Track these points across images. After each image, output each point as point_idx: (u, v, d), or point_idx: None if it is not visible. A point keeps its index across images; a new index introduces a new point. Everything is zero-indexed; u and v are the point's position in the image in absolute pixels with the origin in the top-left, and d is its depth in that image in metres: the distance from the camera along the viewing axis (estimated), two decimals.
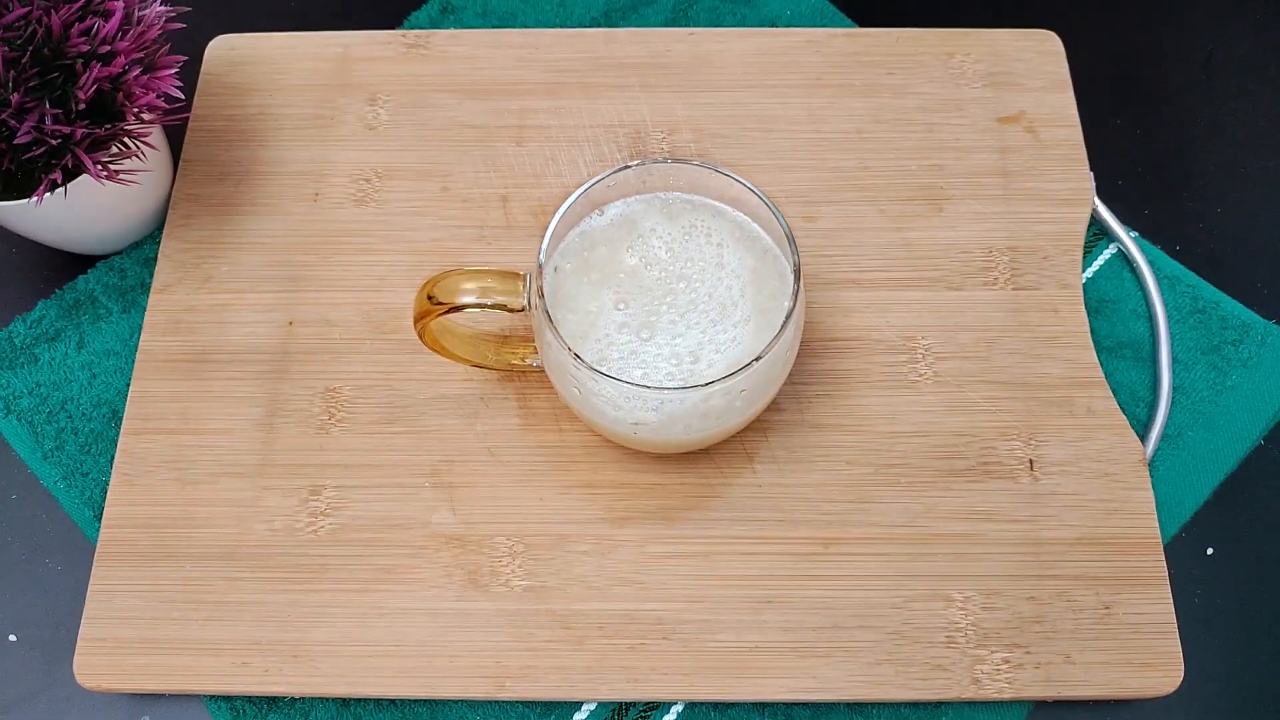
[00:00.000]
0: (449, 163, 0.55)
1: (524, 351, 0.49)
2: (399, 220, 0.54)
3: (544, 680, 0.45)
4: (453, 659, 0.45)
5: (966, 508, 0.48)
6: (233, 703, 0.46)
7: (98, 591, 0.47)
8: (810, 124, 0.56)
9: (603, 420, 0.43)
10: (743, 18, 0.61)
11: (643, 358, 0.43)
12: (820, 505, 0.48)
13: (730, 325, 0.44)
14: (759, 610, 0.46)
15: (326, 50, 0.58)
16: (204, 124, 0.57)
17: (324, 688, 0.45)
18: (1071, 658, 0.45)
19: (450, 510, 0.48)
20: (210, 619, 0.46)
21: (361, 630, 0.46)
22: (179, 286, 0.53)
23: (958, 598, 0.46)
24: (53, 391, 0.52)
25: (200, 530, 0.48)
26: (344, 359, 0.51)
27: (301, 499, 0.48)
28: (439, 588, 0.46)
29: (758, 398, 0.44)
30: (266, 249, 0.54)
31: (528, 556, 0.47)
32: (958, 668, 0.45)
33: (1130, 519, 0.47)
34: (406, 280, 0.53)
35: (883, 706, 0.46)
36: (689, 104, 0.56)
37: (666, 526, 0.48)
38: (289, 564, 0.47)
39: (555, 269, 0.45)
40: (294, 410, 0.50)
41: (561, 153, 0.56)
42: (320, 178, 0.55)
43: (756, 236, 0.45)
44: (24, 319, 0.53)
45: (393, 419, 0.50)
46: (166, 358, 0.51)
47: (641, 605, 0.46)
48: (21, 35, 0.46)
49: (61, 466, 0.50)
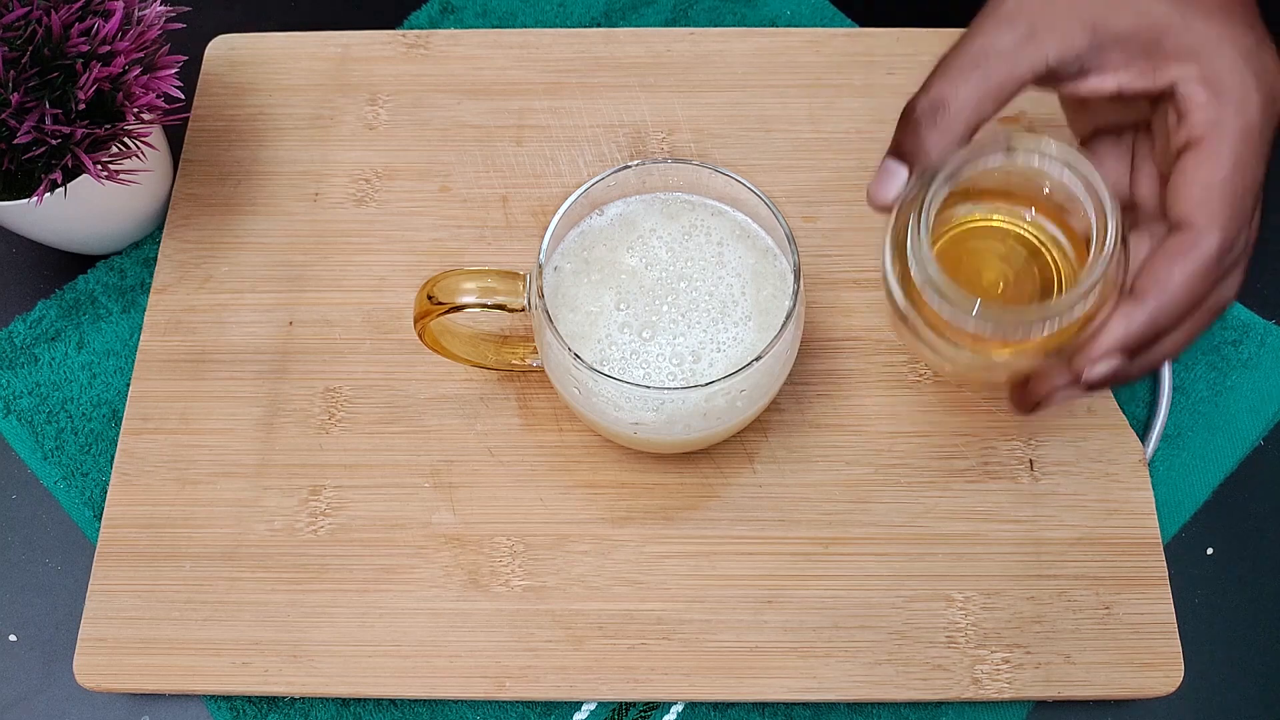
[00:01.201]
0: (449, 163, 0.55)
1: (524, 351, 0.49)
2: (399, 220, 0.54)
3: (544, 680, 0.45)
4: (453, 659, 0.45)
5: (966, 508, 0.48)
6: (232, 703, 0.46)
7: (97, 591, 0.47)
8: (810, 124, 0.56)
9: (603, 420, 0.43)
10: (743, 17, 0.61)
11: (644, 357, 0.43)
12: (820, 505, 0.48)
13: (731, 324, 0.44)
14: (759, 610, 0.46)
15: (326, 50, 0.58)
16: (204, 124, 0.57)
17: (324, 688, 0.45)
18: (1071, 658, 0.45)
19: (450, 510, 0.48)
20: (210, 619, 0.46)
21: (361, 630, 0.46)
22: (179, 286, 0.53)
23: (958, 598, 0.46)
24: (53, 391, 0.52)
25: (200, 530, 0.48)
26: (344, 359, 0.51)
27: (301, 499, 0.48)
28: (439, 588, 0.46)
29: (758, 397, 0.44)
30: (266, 249, 0.54)
31: (528, 556, 0.47)
32: (958, 668, 0.45)
33: (1130, 519, 0.47)
34: (406, 280, 0.53)
35: (883, 706, 0.46)
36: (689, 104, 0.56)
37: (666, 526, 0.48)
38: (289, 564, 0.47)
39: (555, 269, 0.45)
40: (294, 410, 0.50)
41: (561, 153, 0.56)
42: (320, 178, 0.55)
43: (757, 236, 0.45)
44: (24, 319, 0.53)
45: (393, 419, 0.50)
46: (166, 358, 0.51)
47: (641, 605, 0.46)
48: (21, 35, 0.46)
49: (61, 466, 0.50)
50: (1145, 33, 0.37)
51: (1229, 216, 0.35)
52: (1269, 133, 0.36)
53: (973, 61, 0.37)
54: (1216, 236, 0.35)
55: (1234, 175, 0.35)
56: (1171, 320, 0.36)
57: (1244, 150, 0.36)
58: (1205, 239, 0.35)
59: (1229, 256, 0.36)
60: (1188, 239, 0.35)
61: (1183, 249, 0.36)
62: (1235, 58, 0.36)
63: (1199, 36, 0.36)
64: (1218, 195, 0.35)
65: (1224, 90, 0.36)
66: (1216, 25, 0.36)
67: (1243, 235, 0.37)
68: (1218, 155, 0.35)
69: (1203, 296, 0.36)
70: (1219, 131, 0.36)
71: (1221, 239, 0.35)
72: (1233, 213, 0.35)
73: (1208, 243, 0.35)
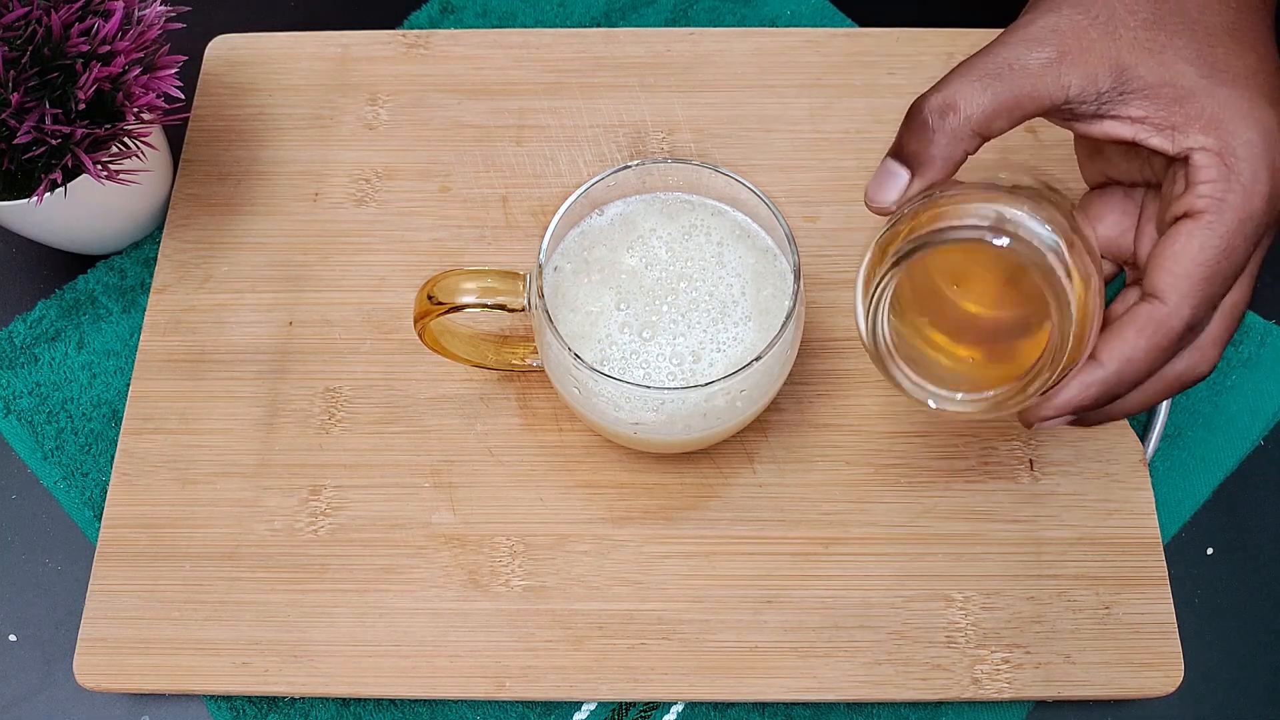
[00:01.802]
0: (449, 163, 0.55)
1: (524, 351, 0.49)
2: (399, 220, 0.54)
3: (544, 680, 0.45)
4: (453, 659, 0.45)
5: (966, 508, 0.48)
6: (232, 703, 0.46)
7: (97, 591, 0.47)
8: (810, 124, 0.56)
9: (603, 420, 0.43)
10: (743, 18, 0.61)
11: (644, 357, 0.43)
12: (820, 505, 0.48)
13: (731, 324, 0.44)
14: (759, 610, 0.46)
15: (326, 50, 0.58)
16: (204, 124, 0.57)
17: (324, 688, 0.45)
18: (1071, 658, 0.45)
19: (450, 510, 0.48)
20: (210, 619, 0.46)
21: (361, 630, 0.46)
22: (179, 286, 0.53)
23: (958, 598, 0.46)
24: (53, 391, 0.52)
25: (200, 530, 0.48)
26: (344, 359, 0.51)
27: (301, 499, 0.48)
28: (439, 587, 0.46)
29: (758, 398, 0.44)
30: (266, 249, 0.54)
31: (528, 556, 0.47)
32: (958, 668, 0.45)
33: (1130, 519, 0.47)
34: (406, 280, 0.53)
35: (883, 706, 0.46)
36: (689, 104, 0.56)
37: (666, 526, 0.48)
38: (289, 564, 0.47)
39: (555, 269, 0.45)
40: (294, 410, 0.50)
41: (561, 152, 0.56)
42: (320, 178, 0.55)
43: (757, 236, 0.45)
44: (24, 319, 0.53)
45: (393, 419, 0.50)
46: (166, 358, 0.51)
47: (641, 605, 0.46)
48: (21, 35, 0.46)
49: (61, 466, 0.50)
50: (1170, 90, 0.36)
51: (1202, 299, 0.35)
52: (1267, 222, 0.36)
53: (995, 71, 0.36)
54: (1185, 316, 0.35)
55: (1221, 260, 0.35)
56: (1126, 387, 0.37)
57: (1237, 236, 0.35)
58: (1174, 317, 0.35)
59: (1190, 336, 0.36)
60: (1157, 312, 0.35)
61: (1150, 322, 0.36)
62: (1254, 139, 0.35)
63: (1224, 108, 0.35)
64: (1199, 276, 0.35)
65: (1236, 170, 0.35)
66: (1242, 99, 0.35)
67: (1209, 317, 0.37)
68: (1211, 235, 0.35)
69: (1159, 366, 0.37)
70: (1219, 211, 0.35)
71: (1190, 318, 0.35)
72: (1206, 296, 0.35)
73: (1175, 320, 0.35)
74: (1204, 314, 0.36)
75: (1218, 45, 0.36)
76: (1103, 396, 0.37)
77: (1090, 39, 0.36)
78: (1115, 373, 0.36)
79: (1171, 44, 0.36)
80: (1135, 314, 0.36)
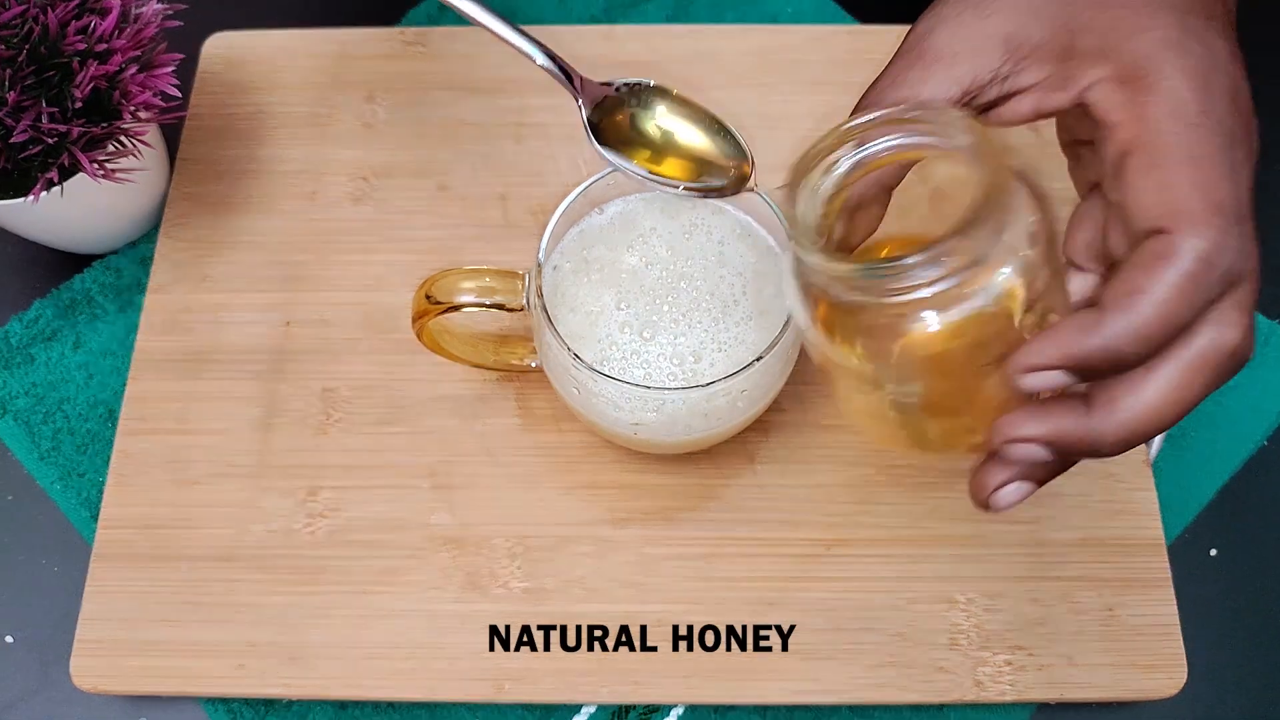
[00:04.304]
0: (447, 161, 0.55)
1: (523, 351, 0.48)
2: (397, 219, 0.54)
3: (543, 683, 0.45)
4: (452, 661, 0.45)
5: (969, 509, 0.47)
6: (230, 705, 0.46)
7: (94, 593, 0.46)
8: (812, 122, 0.55)
9: (603, 421, 0.43)
10: (744, 14, 0.61)
11: (645, 357, 0.43)
12: (822, 506, 0.47)
13: (732, 324, 0.43)
14: (760, 612, 0.46)
15: (324, 48, 0.58)
16: (201, 122, 0.57)
17: (322, 690, 0.45)
18: (1074, 659, 0.45)
19: (449, 511, 0.48)
20: (207, 621, 0.46)
21: (359, 632, 0.46)
22: (175, 286, 0.53)
23: (960, 599, 0.46)
24: (49, 392, 0.51)
25: (197, 531, 0.47)
26: (342, 359, 0.51)
27: (299, 500, 0.48)
28: (438, 589, 0.46)
29: (759, 397, 0.43)
30: (263, 248, 0.53)
31: (527, 558, 0.47)
32: (960, 670, 0.45)
33: (1133, 520, 0.47)
34: (404, 280, 0.52)
35: (885, 709, 0.46)
36: None
37: (667, 528, 0.47)
38: (286, 565, 0.47)
39: (555, 268, 0.45)
40: (291, 411, 0.50)
41: (561, 150, 0.55)
42: (317, 176, 0.55)
43: (758, 235, 0.45)
44: (20, 319, 0.53)
45: (391, 419, 0.50)
46: (163, 358, 0.51)
47: (642, 607, 0.46)
48: (18, 33, 0.45)
49: (58, 467, 0.50)
50: (1060, 38, 0.31)
51: (1209, 212, 0.28)
52: (1226, 117, 0.29)
53: (876, 103, 0.34)
54: (1199, 240, 0.28)
55: (1193, 169, 0.28)
56: (1140, 341, 0.28)
57: (1193, 140, 0.28)
58: (1185, 243, 0.28)
59: (1217, 269, 0.28)
60: (1164, 243, 0.28)
61: (1158, 255, 0.28)
62: (1152, 45, 0.29)
63: (1111, 31, 0.30)
64: (1184, 193, 0.28)
65: (1146, 83, 0.29)
66: (1132, 14, 0.30)
67: (1234, 243, 0.28)
68: (1161, 151, 0.29)
69: (1184, 318, 0.28)
70: (1150, 129, 0.29)
71: (1212, 241, 0.28)
72: (1211, 209, 0.28)
73: (1189, 246, 0.28)
74: (1222, 236, 0.28)
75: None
76: (1108, 345, 0.28)
77: (967, 25, 0.33)
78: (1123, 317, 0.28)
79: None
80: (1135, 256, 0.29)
